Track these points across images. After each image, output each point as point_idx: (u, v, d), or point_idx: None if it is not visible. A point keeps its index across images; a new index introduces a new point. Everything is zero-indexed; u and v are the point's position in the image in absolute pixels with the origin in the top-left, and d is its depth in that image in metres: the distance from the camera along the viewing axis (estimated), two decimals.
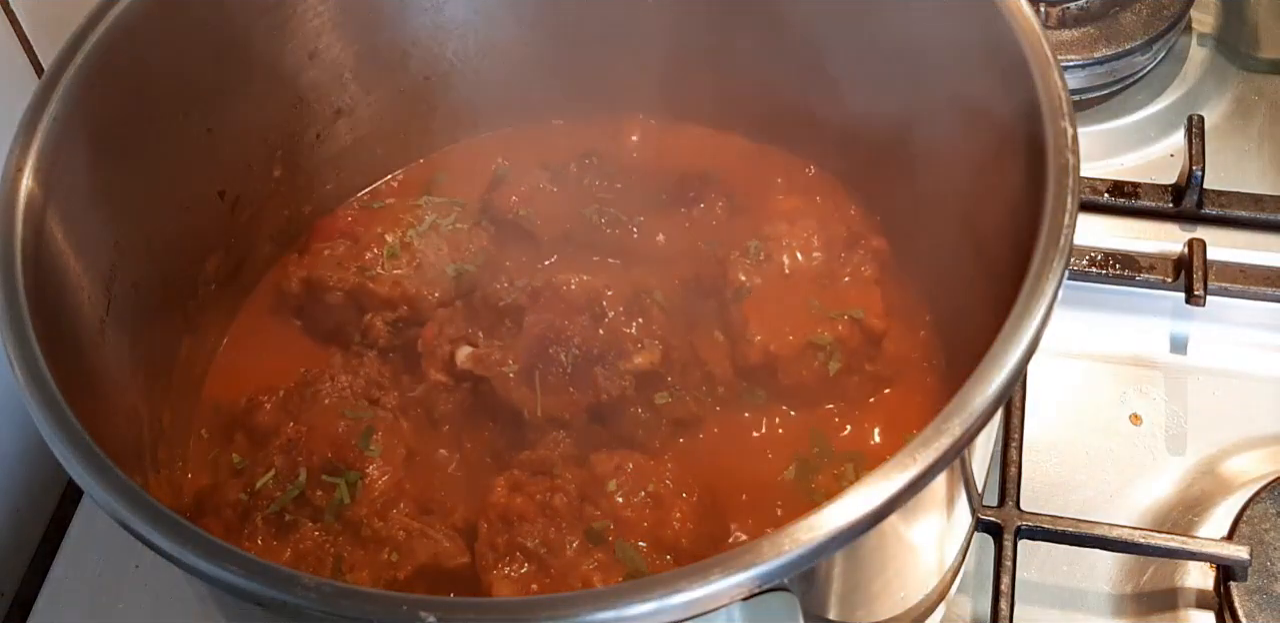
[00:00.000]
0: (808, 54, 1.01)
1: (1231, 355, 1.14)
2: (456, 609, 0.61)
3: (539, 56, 1.11)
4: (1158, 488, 1.07)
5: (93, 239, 0.84)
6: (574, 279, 0.94)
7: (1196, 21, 1.38)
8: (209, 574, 0.63)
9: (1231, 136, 1.29)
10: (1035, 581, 1.01)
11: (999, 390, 0.66)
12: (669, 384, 0.93)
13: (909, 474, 0.63)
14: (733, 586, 0.60)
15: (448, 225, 1.03)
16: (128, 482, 0.67)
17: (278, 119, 1.02)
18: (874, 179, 1.04)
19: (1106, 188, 1.22)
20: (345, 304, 0.99)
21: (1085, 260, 1.17)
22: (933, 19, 0.88)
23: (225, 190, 1.00)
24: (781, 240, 0.98)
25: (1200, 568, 1.00)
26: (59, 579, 1.06)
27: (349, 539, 0.86)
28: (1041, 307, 0.69)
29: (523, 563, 0.83)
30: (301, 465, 0.88)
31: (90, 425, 0.70)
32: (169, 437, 0.93)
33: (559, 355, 0.91)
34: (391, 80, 1.08)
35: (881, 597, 0.80)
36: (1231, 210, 1.20)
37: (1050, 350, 1.12)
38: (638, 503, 0.85)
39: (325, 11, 1.00)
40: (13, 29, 1.04)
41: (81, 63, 0.84)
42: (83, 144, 0.83)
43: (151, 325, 0.92)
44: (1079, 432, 1.10)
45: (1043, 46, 0.79)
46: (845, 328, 0.94)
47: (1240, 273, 1.16)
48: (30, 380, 0.71)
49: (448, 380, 0.94)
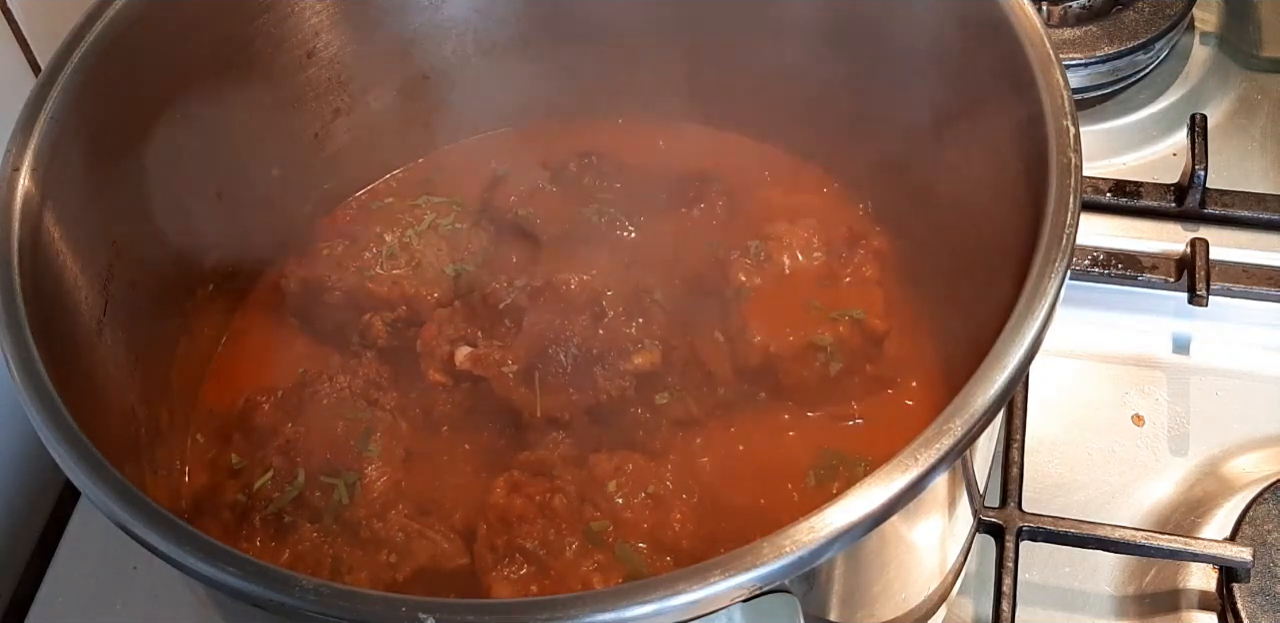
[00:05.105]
0: (808, 53, 1.00)
1: (1234, 356, 1.14)
2: (455, 611, 0.61)
3: (539, 56, 1.10)
4: (1160, 489, 1.07)
5: (90, 239, 0.84)
6: (574, 279, 0.94)
7: (1199, 20, 1.38)
8: (207, 576, 0.63)
9: (1234, 136, 1.29)
10: (1037, 582, 1.01)
11: (1001, 391, 0.66)
12: (669, 384, 0.93)
13: (910, 475, 0.63)
14: (733, 587, 0.60)
15: (447, 225, 1.02)
16: (125, 483, 0.67)
17: (276, 118, 1.02)
18: (875, 179, 1.04)
19: (1109, 187, 1.22)
20: (344, 304, 0.99)
21: (1087, 260, 1.16)
22: (934, 18, 0.88)
23: (223, 190, 1.00)
24: (782, 240, 0.98)
25: (1203, 569, 1.00)
26: (56, 580, 1.05)
27: (347, 541, 0.85)
28: (1044, 307, 0.69)
29: (522, 564, 0.83)
30: (300, 466, 0.88)
31: (87, 426, 0.70)
32: (166, 437, 0.93)
33: (559, 356, 0.91)
34: (390, 79, 1.08)
35: (882, 598, 0.79)
36: (1234, 210, 1.19)
37: (1052, 350, 1.12)
38: (638, 504, 0.85)
39: (323, 10, 1.00)
40: (10, 28, 1.04)
41: (79, 62, 0.84)
42: (80, 144, 0.83)
43: (149, 326, 0.92)
44: (1081, 432, 1.10)
45: (1045, 45, 0.79)
46: (846, 328, 0.94)
47: (1243, 273, 1.15)
48: (27, 381, 0.71)
49: (447, 381, 0.94)
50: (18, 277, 0.75)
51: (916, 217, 0.99)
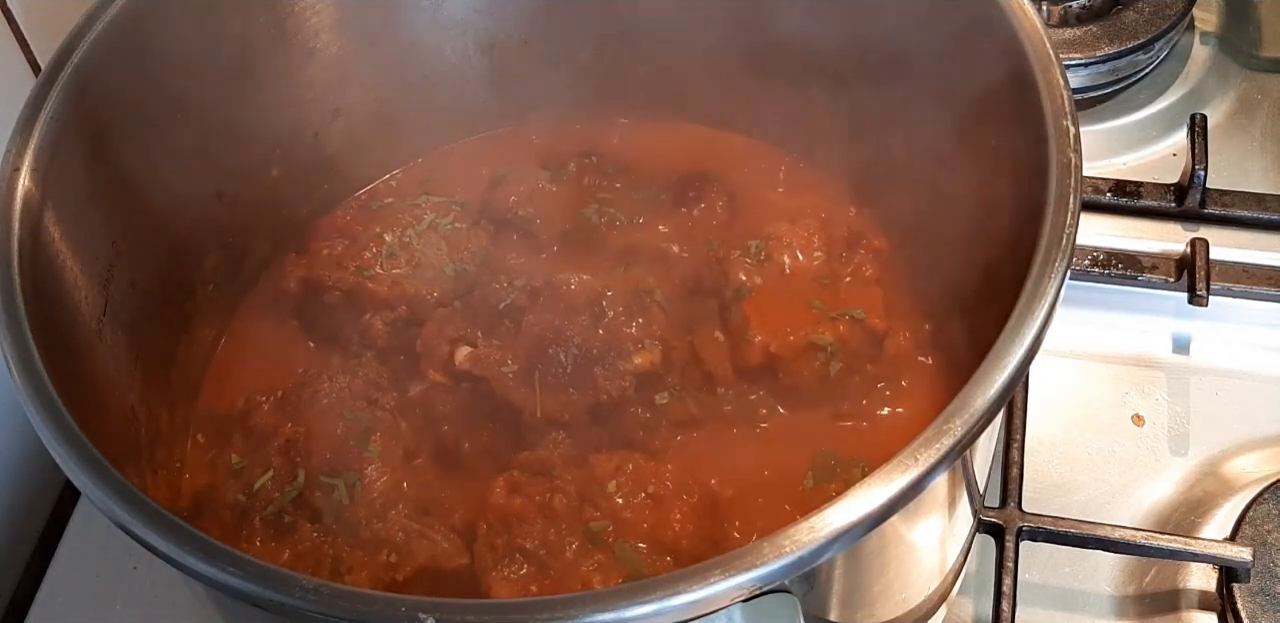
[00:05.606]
0: (808, 53, 1.00)
1: (1234, 356, 1.14)
2: (455, 611, 0.61)
3: (538, 55, 1.10)
4: (1160, 489, 1.07)
5: (90, 239, 0.84)
6: (574, 279, 0.94)
7: (1199, 20, 1.38)
8: (207, 576, 0.63)
9: (1234, 136, 1.29)
10: (1037, 582, 1.01)
11: (1001, 391, 0.66)
12: (669, 384, 0.93)
13: (910, 475, 0.63)
14: (733, 587, 0.60)
15: (447, 225, 1.02)
16: (125, 483, 0.67)
17: (275, 118, 1.02)
18: (875, 179, 1.04)
19: (1109, 187, 1.22)
20: (344, 304, 0.99)
21: (1087, 260, 1.16)
22: (934, 18, 0.88)
23: (223, 190, 1.00)
24: (782, 240, 0.98)
25: (1203, 569, 1.00)
26: (56, 581, 1.05)
27: (347, 540, 0.85)
28: (1043, 307, 0.69)
29: (522, 564, 0.83)
30: (300, 466, 0.88)
31: (87, 426, 0.70)
32: (166, 437, 0.93)
33: (558, 356, 0.91)
34: (390, 80, 1.08)
35: (882, 598, 0.79)
36: (1234, 210, 1.19)
37: (1052, 350, 1.12)
38: (637, 504, 0.85)
39: (324, 10, 1.00)
40: (10, 28, 1.04)
41: (79, 62, 0.83)
42: (80, 143, 0.83)
43: (149, 326, 0.92)
44: (1081, 432, 1.10)
45: (1045, 45, 0.79)
46: (846, 328, 0.94)
47: (1243, 273, 1.15)
48: (27, 381, 0.71)
49: (446, 381, 0.94)
50: (18, 277, 0.75)
51: (916, 217, 0.99)
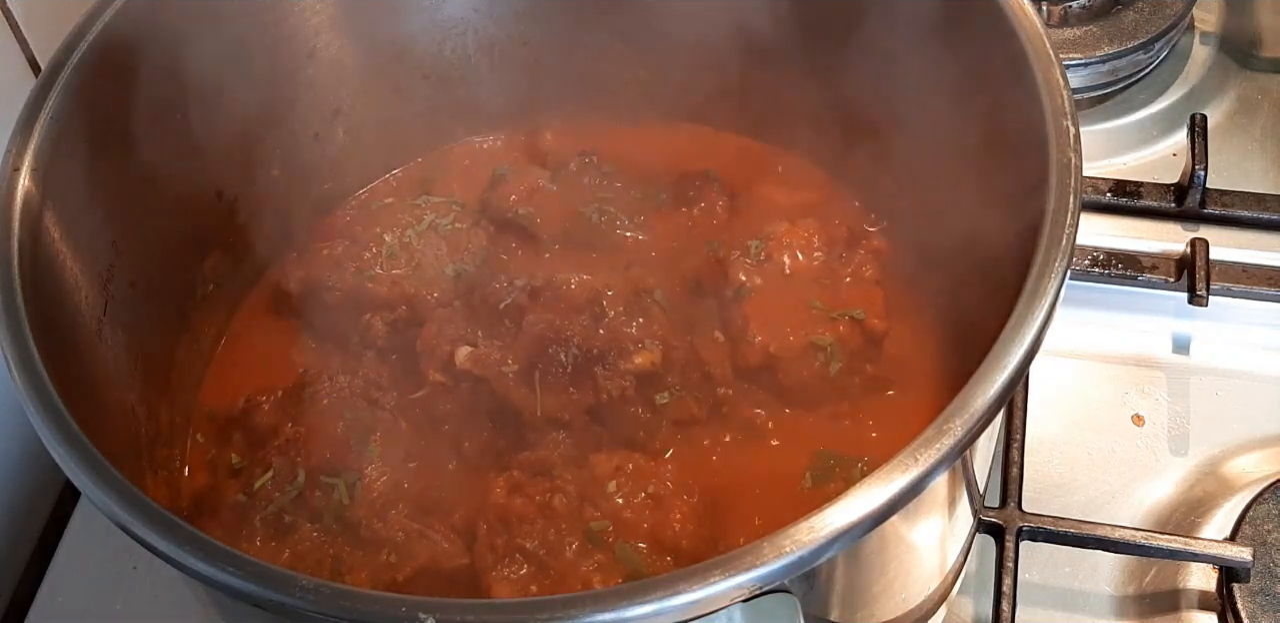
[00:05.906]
0: (808, 53, 1.00)
1: (1234, 356, 1.14)
2: (455, 611, 0.61)
3: (538, 55, 1.10)
4: (1160, 489, 1.06)
5: (90, 239, 0.84)
6: (574, 279, 0.94)
7: (1199, 20, 1.38)
8: (207, 576, 0.63)
9: (1234, 136, 1.29)
10: (1037, 582, 1.01)
11: (1001, 391, 0.66)
12: (669, 384, 0.92)
13: (910, 475, 0.63)
14: (733, 587, 0.60)
15: (446, 225, 1.02)
16: (125, 482, 0.67)
17: (276, 118, 1.02)
18: (875, 179, 1.04)
19: (1108, 187, 1.22)
20: (344, 304, 0.99)
21: (1087, 260, 1.16)
22: (934, 17, 0.88)
23: (223, 190, 1.00)
24: (782, 240, 0.98)
25: (1203, 569, 1.00)
26: (56, 580, 1.05)
27: (347, 540, 0.85)
28: (1043, 307, 0.69)
29: (522, 564, 0.83)
30: (300, 466, 0.88)
31: (87, 426, 0.70)
32: (166, 437, 0.93)
33: (559, 355, 0.91)
34: (390, 79, 1.08)
35: (882, 598, 0.79)
36: (1234, 210, 1.19)
37: (1052, 350, 1.12)
38: (638, 504, 0.85)
39: (324, 10, 1.00)
40: (9, 27, 1.04)
41: (78, 62, 0.83)
42: (80, 143, 0.83)
43: (149, 325, 0.92)
44: (1081, 432, 1.10)
45: (1044, 45, 0.79)
46: (846, 328, 0.94)
47: (1243, 273, 1.15)
48: (27, 381, 0.71)
49: (447, 381, 0.94)
50: (18, 277, 0.75)
51: (916, 217, 0.99)
